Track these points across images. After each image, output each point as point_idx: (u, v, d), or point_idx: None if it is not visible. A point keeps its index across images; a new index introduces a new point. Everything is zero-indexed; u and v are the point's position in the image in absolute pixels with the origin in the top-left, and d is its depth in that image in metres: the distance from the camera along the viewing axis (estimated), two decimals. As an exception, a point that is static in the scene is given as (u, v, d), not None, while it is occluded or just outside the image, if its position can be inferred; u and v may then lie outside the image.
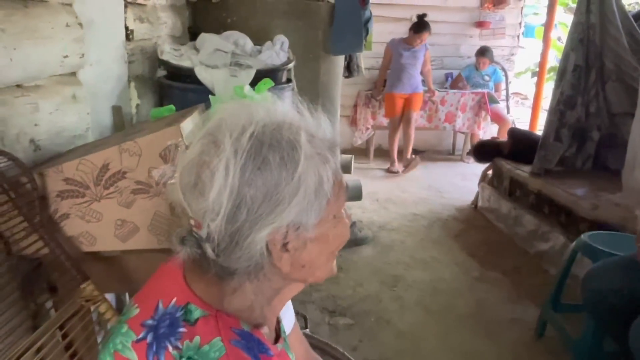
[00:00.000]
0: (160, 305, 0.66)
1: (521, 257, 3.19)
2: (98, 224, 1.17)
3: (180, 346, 0.62)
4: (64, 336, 1.04)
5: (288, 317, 0.92)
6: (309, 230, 0.65)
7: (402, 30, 5.18)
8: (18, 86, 1.27)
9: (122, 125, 1.83)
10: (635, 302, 1.62)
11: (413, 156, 5.11)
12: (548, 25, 4.62)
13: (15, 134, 1.25)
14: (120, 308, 1.59)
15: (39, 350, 0.95)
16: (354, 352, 2.16)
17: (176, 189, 0.67)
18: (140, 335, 0.64)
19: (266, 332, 0.73)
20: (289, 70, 2.29)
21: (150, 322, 0.65)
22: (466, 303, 2.65)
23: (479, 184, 4.10)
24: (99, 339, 1.28)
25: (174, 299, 0.66)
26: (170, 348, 0.62)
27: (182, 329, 0.63)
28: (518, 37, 6.03)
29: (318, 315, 2.45)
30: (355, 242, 3.24)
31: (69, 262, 1.11)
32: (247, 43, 2.31)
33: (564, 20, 6.79)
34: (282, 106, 0.69)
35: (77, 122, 1.51)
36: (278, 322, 0.81)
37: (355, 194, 2.92)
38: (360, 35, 3.16)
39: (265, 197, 0.62)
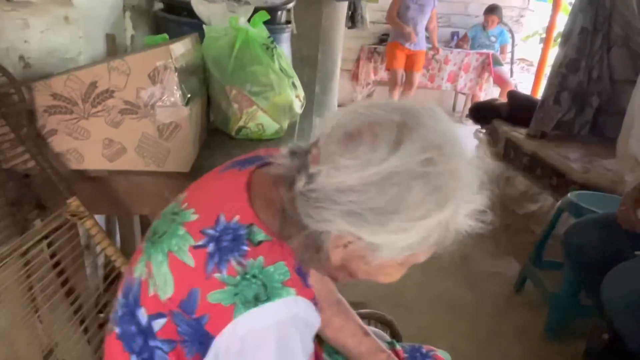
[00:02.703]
0: (223, 218, 0.64)
1: (509, 216, 3.22)
2: (85, 142, 1.18)
3: (244, 262, 0.61)
4: (49, 246, 1.06)
5: None
6: (376, 258, 0.63)
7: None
8: (8, 0, 1.25)
9: (115, 55, 1.81)
10: (612, 257, 1.66)
11: None
12: (560, -13, 4.50)
13: (4, 48, 1.24)
14: (110, 230, 1.61)
15: (24, 254, 0.98)
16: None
17: (327, 119, 0.63)
18: (200, 242, 0.63)
19: None
20: (289, 11, 2.24)
21: (211, 231, 0.63)
22: (450, 256, 2.66)
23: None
24: (87, 260, 1.32)
25: (237, 216, 0.64)
26: (233, 262, 0.61)
27: (245, 247, 0.62)
28: (528, -2, 5.90)
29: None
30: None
31: (56, 177, 1.13)
32: (248, -20, 2.25)
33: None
34: (465, 149, 0.64)
35: (69, 44, 1.49)
36: None
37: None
38: (365, -18, 3.08)
39: (376, 211, 0.58)
